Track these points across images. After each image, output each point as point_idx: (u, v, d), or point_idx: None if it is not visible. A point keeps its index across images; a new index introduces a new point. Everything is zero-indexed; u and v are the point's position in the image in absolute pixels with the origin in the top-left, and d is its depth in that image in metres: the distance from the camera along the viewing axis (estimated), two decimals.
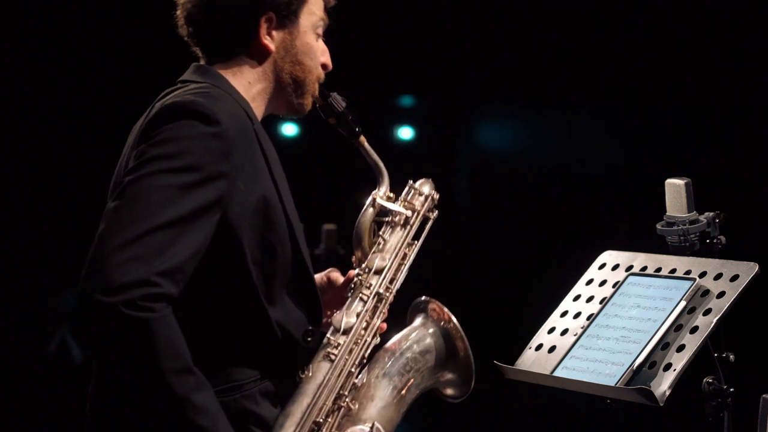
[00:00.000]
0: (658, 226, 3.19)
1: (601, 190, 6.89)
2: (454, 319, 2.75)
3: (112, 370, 2.30)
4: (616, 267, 3.14)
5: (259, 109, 2.57)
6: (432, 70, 7.29)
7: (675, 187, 3.19)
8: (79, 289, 2.21)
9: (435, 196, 2.84)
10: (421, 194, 2.82)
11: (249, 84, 2.56)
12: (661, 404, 2.72)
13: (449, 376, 2.78)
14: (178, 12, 2.58)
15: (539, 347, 3.05)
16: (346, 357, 2.56)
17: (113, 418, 2.39)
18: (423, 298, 2.79)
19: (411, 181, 2.83)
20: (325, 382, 2.52)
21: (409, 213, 2.78)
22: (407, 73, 7.33)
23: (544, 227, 7.23)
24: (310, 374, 2.52)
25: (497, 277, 7.34)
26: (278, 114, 2.66)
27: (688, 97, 6.67)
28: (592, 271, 3.16)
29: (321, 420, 2.50)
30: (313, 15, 2.60)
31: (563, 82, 7.08)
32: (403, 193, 2.82)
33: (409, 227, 2.77)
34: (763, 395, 3.21)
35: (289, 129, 7.76)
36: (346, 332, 2.57)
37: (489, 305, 7.36)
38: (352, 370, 2.57)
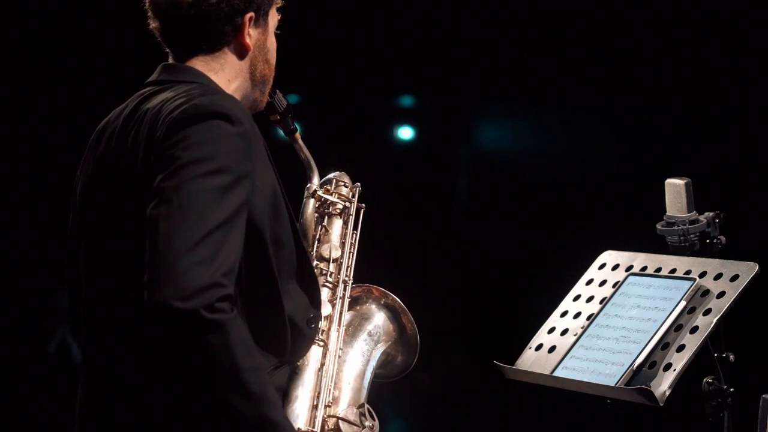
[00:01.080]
0: (658, 226, 3.19)
1: (601, 190, 6.88)
2: (393, 296, 2.88)
3: (192, 373, 2.30)
4: (616, 267, 3.14)
5: None
6: (432, 70, 7.29)
7: (675, 187, 3.19)
8: (152, 300, 2.21)
9: (358, 186, 2.94)
10: (345, 185, 2.93)
11: (228, 81, 2.57)
12: (661, 404, 2.72)
13: (396, 353, 2.89)
14: (147, 4, 2.56)
15: (539, 347, 3.05)
16: (334, 342, 2.69)
17: (175, 418, 2.40)
18: (357, 284, 2.89)
19: (332, 174, 2.94)
20: (324, 366, 2.63)
21: (346, 203, 2.89)
22: (407, 73, 7.32)
23: (544, 227, 7.23)
24: (306, 362, 2.62)
25: (497, 277, 7.33)
26: None
27: (688, 97, 6.67)
28: (592, 271, 3.17)
29: (329, 403, 2.61)
30: (275, 15, 2.65)
31: (563, 81, 7.08)
32: (332, 185, 2.92)
33: (349, 216, 2.88)
34: (763, 395, 3.22)
35: None
36: (326, 319, 2.69)
37: (489, 305, 7.36)
38: (340, 354, 2.69)
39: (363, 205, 2.92)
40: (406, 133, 8.05)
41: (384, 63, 7.11)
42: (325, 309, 2.69)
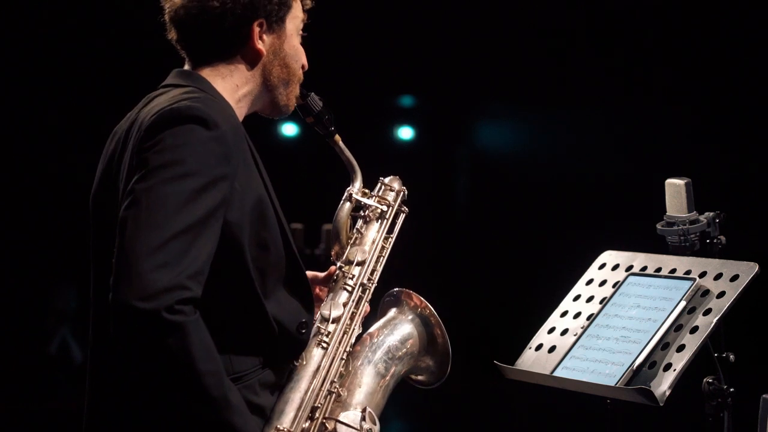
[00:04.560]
0: (658, 226, 3.19)
1: (601, 190, 6.89)
2: (430, 306, 2.84)
3: (150, 374, 2.34)
4: (616, 267, 3.14)
5: (242, 111, 2.63)
6: (432, 70, 7.30)
7: (675, 187, 3.19)
8: (114, 299, 2.25)
9: (405, 191, 2.92)
10: (392, 190, 2.91)
11: (237, 87, 2.61)
12: (661, 404, 2.72)
13: (427, 362, 2.86)
14: (166, 16, 2.62)
15: (539, 347, 3.05)
16: (337, 345, 2.66)
17: (142, 419, 2.43)
18: (396, 289, 2.87)
19: (382, 178, 2.92)
20: (320, 368, 2.61)
21: (384, 207, 2.87)
22: (407, 73, 7.33)
23: (543, 227, 7.24)
24: (305, 362, 2.61)
25: (497, 277, 7.34)
26: (261, 114, 2.71)
27: (689, 97, 6.68)
28: (592, 271, 3.17)
29: (318, 405, 2.59)
30: (296, 18, 2.67)
31: (563, 82, 7.09)
32: (376, 189, 2.90)
33: (384, 221, 2.86)
34: (763, 395, 3.21)
35: (289, 129, 7.76)
36: (335, 321, 2.67)
37: (489, 305, 7.37)
38: (344, 357, 2.67)
39: (406, 209, 2.91)
40: (406, 133, 8.06)
41: (384, 63, 7.11)
42: (336, 311, 2.68)
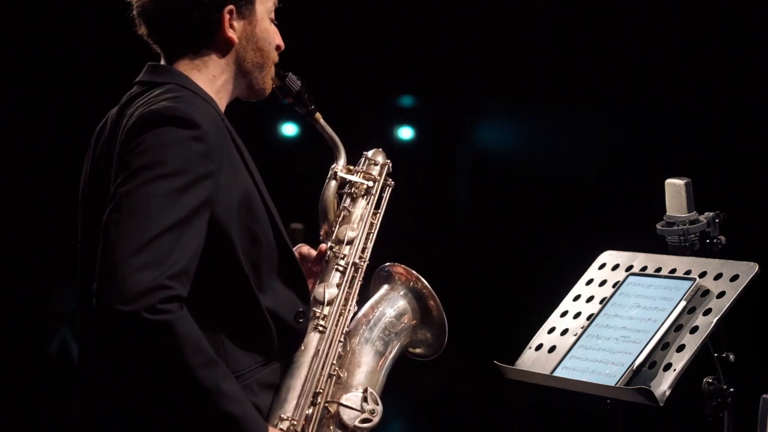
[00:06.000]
0: (658, 226, 3.20)
1: (601, 190, 6.88)
2: (422, 278, 2.84)
3: (143, 374, 2.36)
4: (616, 267, 3.14)
5: (223, 100, 2.63)
6: (432, 70, 7.29)
7: (675, 187, 3.19)
8: (96, 303, 2.26)
9: (389, 164, 2.92)
10: (376, 164, 2.91)
11: (214, 77, 2.60)
12: (661, 404, 2.72)
13: (425, 334, 2.86)
14: (134, 12, 2.62)
15: (539, 347, 3.06)
16: (334, 327, 2.67)
17: (137, 420, 2.44)
18: (387, 264, 2.87)
19: (365, 152, 2.91)
20: (318, 352, 2.62)
21: (369, 183, 2.86)
22: (407, 73, 7.32)
23: (543, 227, 7.23)
24: (303, 347, 2.62)
25: (497, 277, 7.33)
26: (241, 98, 2.71)
27: (688, 97, 6.67)
28: (592, 271, 3.17)
29: (320, 390, 2.61)
30: (267, 1, 2.65)
31: (563, 82, 7.08)
32: (360, 164, 2.90)
33: (371, 196, 2.86)
34: (763, 395, 3.22)
35: (289, 129, 7.75)
36: (330, 303, 2.68)
37: (489, 305, 7.36)
38: (341, 339, 2.68)
39: (392, 182, 2.90)
40: (406, 133, 8.05)
41: (384, 63, 7.11)
42: (330, 293, 2.69)
